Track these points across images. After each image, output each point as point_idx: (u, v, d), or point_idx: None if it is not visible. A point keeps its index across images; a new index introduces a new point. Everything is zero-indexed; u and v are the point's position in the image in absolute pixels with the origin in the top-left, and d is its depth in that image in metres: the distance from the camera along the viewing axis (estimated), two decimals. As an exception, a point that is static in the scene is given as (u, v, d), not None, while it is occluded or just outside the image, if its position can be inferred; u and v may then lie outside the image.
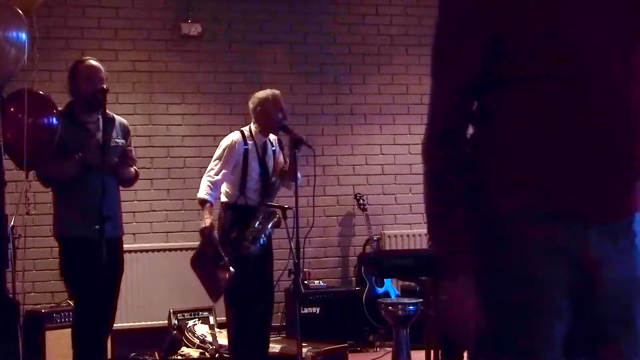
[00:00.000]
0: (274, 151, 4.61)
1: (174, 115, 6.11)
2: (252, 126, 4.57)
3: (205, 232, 4.40)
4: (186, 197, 5.95)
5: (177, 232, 5.99)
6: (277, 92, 4.61)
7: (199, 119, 6.15)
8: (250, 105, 4.58)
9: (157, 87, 6.07)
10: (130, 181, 4.23)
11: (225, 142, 4.53)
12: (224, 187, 4.52)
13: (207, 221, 4.38)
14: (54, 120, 3.86)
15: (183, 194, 5.99)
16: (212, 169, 4.48)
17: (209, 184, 4.44)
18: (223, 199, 4.54)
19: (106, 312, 3.96)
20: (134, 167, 4.18)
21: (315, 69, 6.34)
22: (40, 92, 3.99)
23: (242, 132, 4.55)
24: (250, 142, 4.51)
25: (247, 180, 4.48)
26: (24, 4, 3.80)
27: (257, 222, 4.41)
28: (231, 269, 4.31)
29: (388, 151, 6.51)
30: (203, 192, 4.44)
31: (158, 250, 5.85)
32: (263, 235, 4.43)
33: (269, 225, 4.47)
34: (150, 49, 6.08)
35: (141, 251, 5.78)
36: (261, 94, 4.57)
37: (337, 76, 6.44)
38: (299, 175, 4.52)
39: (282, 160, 4.59)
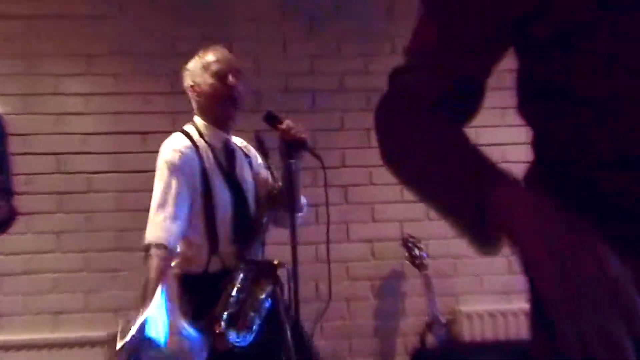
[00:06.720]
0: (249, 163, 3.25)
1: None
2: (197, 120, 3.24)
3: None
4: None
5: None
6: (221, 50, 3.26)
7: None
8: (185, 85, 3.22)
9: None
10: None
11: (163, 155, 3.06)
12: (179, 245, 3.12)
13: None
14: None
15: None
16: (161, 209, 2.96)
17: (167, 235, 2.95)
18: (177, 269, 3.07)
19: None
20: None
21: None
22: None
23: (187, 134, 3.12)
24: (202, 146, 3.10)
25: (216, 214, 3.05)
26: None
27: (235, 289, 3.02)
28: None
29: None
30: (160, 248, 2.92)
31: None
32: (252, 314, 3.04)
33: (263, 296, 3.07)
34: None
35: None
36: (193, 63, 3.23)
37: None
38: (302, 200, 3.22)
39: (267, 178, 3.19)
